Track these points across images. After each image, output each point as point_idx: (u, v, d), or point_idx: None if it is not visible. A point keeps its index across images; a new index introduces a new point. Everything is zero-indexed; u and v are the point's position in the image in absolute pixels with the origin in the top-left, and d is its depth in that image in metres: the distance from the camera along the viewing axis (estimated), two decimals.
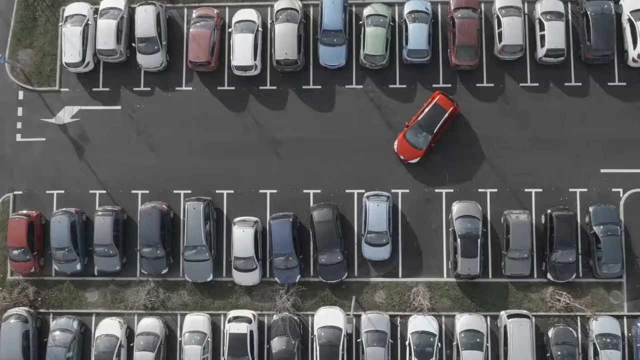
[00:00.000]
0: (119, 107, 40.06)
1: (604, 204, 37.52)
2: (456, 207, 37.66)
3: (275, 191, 39.11)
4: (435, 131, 36.77)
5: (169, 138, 39.75)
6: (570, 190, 38.33)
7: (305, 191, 38.92)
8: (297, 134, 39.20)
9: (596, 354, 36.42)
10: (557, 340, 36.32)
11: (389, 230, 37.62)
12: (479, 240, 36.72)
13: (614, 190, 38.31)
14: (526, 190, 38.45)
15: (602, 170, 38.40)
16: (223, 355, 37.54)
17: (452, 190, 38.67)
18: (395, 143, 37.26)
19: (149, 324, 37.88)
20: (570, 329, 36.82)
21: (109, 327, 37.88)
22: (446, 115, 36.67)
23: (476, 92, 39.27)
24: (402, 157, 37.31)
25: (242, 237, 37.65)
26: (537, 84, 39.37)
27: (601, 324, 36.61)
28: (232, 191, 39.36)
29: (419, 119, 36.84)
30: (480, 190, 38.64)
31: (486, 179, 38.44)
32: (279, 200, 38.85)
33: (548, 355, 36.80)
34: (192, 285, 38.96)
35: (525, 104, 39.08)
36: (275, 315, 37.69)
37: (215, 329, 38.26)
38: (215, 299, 38.59)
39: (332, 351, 36.74)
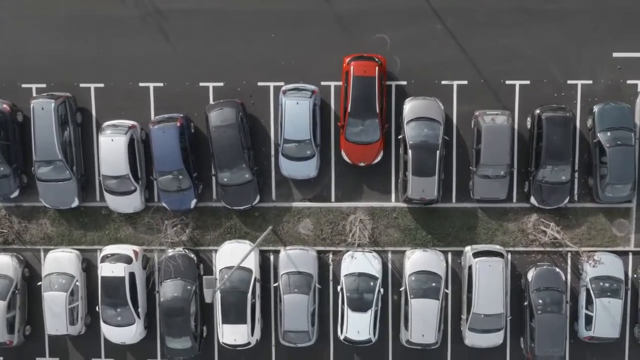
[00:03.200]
0: None
1: (615, 102, 32.18)
2: (409, 105, 32.03)
3: (160, 84, 33.24)
4: (378, 110, 31.25)
5: (12, 10, 33.38)
6: (569, 82, 33.04)
7: (202, 84, 33.14)
8: (189, 3, 32.93)
9: (589, 302, 31.90)
10: (539, 285, 31.85)
11: (313, 138, 31.56)
12: (438, 152, 31.45)
13: (629, 82, 32.88)
14: (508, 82, 33.18)
15: (615, 54, 32.93)
16: (97, 305, 32.70)
17: (404, 83, 33.04)
18: (343, 152, 32.21)
19: None
20: (557, 269, 32.47)
21: None
22: (377, 81, 31.05)
23: None
24: (362, 164, 32.19)
25: (111, 148, 31.44)
26: None
27: (599, 264, 32.02)
28: (101, 85, 33.38)
29: (349, 108, 31.15)
30: (443, 82, 33.16)
31: (452, 66, 33.14)
32: (166, 97, 33.25)
33: (526, 304, 32.25)
34: (56, 213, 33.51)
35: None
36: (168, 252, 32.67)
37: (90, 269, 33.54)
38: (87, 231, 33.55)
39: (238, 298, 31.74)
